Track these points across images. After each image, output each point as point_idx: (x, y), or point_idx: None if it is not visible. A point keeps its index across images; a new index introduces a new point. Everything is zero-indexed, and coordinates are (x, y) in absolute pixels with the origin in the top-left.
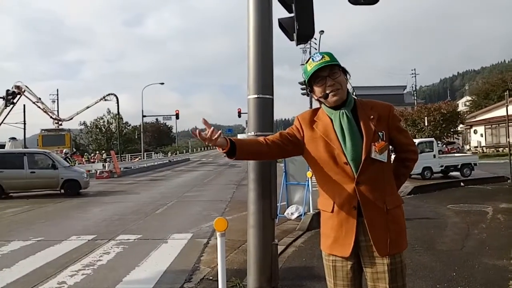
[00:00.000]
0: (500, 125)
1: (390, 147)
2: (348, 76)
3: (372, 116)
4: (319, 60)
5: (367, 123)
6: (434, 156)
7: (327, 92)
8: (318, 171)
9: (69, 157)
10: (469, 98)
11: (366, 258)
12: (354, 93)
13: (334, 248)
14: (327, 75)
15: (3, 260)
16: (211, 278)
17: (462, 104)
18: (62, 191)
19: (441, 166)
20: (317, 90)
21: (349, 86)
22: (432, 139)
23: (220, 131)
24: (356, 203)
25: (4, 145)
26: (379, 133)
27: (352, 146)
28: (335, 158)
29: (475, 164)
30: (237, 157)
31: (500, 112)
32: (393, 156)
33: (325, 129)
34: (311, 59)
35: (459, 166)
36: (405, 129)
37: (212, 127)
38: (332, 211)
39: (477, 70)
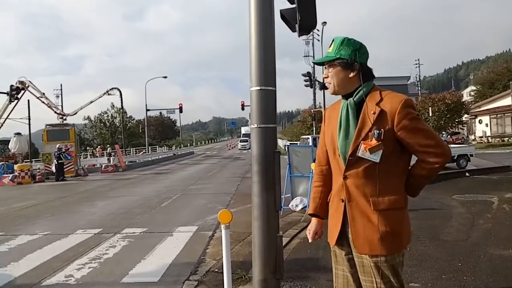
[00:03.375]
0: (505, 114)
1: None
2: (354, 68)
3: (373, 111)
4: (329, 47)
5: (365, 118)
6: None
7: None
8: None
9: (62, 153)
10: (473, 88)
11: (354, 251)
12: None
13: (328, 236)
14: (325, 67)
15: (11, 254)
16: (216, 270)
17: (466, 94)
18: None
19: None
20: None
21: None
22: None
23: (320, 232)
24: (344, 196)
25: (9, 141)
26: (376, 131)
27: (342, 140)
28: (334, 149)
29: (471, 155)
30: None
31: (506, 101)
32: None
33: (332, 119)
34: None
35: (455, 157)
36: (423, 128)
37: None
38: (331, 202)
39: (482, 59)
